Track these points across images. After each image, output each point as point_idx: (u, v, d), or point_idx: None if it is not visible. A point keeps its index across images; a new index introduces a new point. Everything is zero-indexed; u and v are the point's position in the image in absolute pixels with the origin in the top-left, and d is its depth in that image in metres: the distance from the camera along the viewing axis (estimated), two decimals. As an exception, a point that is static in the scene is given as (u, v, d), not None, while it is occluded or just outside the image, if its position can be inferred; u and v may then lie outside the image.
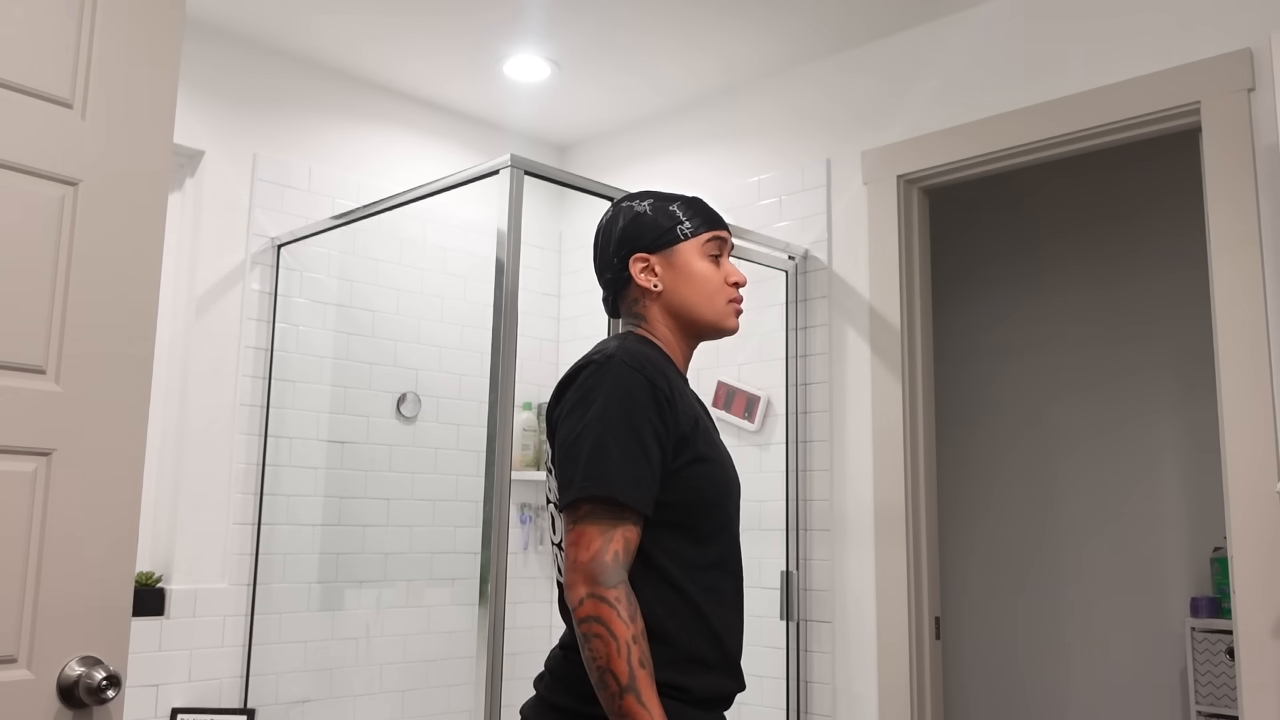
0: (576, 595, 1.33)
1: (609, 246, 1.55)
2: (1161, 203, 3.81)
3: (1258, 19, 2.37)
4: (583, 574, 1.33)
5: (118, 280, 1.43)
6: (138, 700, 2.72)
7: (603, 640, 1.31)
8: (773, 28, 3.00)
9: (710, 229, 1.54)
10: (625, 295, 1.56)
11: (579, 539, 1.34)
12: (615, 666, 1.30)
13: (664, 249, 1.52)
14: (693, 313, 1.52)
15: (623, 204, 1.57)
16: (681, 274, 1.52)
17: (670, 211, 1.53)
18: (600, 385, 1.38)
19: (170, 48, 1.52)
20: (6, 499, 1.30)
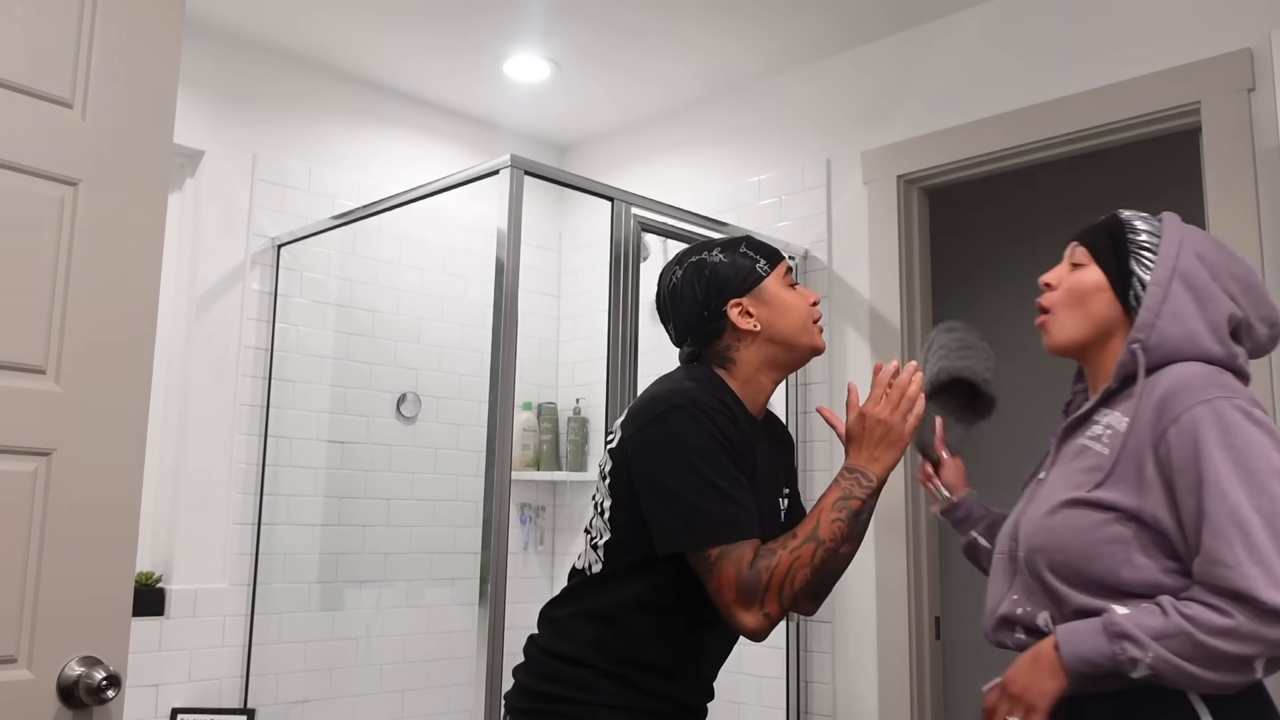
0: (755, 622, 1.41)
1: (695, 301, 1.59)
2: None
3: (1258, 19, 2.37)
4: (741, 603, 1.40)
5: (118, 280, 1.43)
6: (138, 700, 2.72)
7: (820, 566, 1.44)
8: (773, 28, 3.00)
9: (780, 259, 1.63)
10: (716, 344, 1.60)
11: (720, 582, 1.41)
12: (834, 545, 1.45)
13: (752, 289, 1.59)
14: (791, 341, 1.59)
15: (690, 261, 1.63)
16: (775, 308, 1.59)
17: (743, 254, 1.61)
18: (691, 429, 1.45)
19: (170, 48, 1.52)
20: (6, 499, 1.30)
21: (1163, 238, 1.44)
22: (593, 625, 1.51)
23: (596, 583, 1.53)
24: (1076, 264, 1.52)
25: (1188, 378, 1.34)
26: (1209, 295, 1.40)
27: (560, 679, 1.50)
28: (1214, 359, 1.38)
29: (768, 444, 1.63)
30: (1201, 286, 1.40)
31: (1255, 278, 1.45)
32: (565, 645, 1.52)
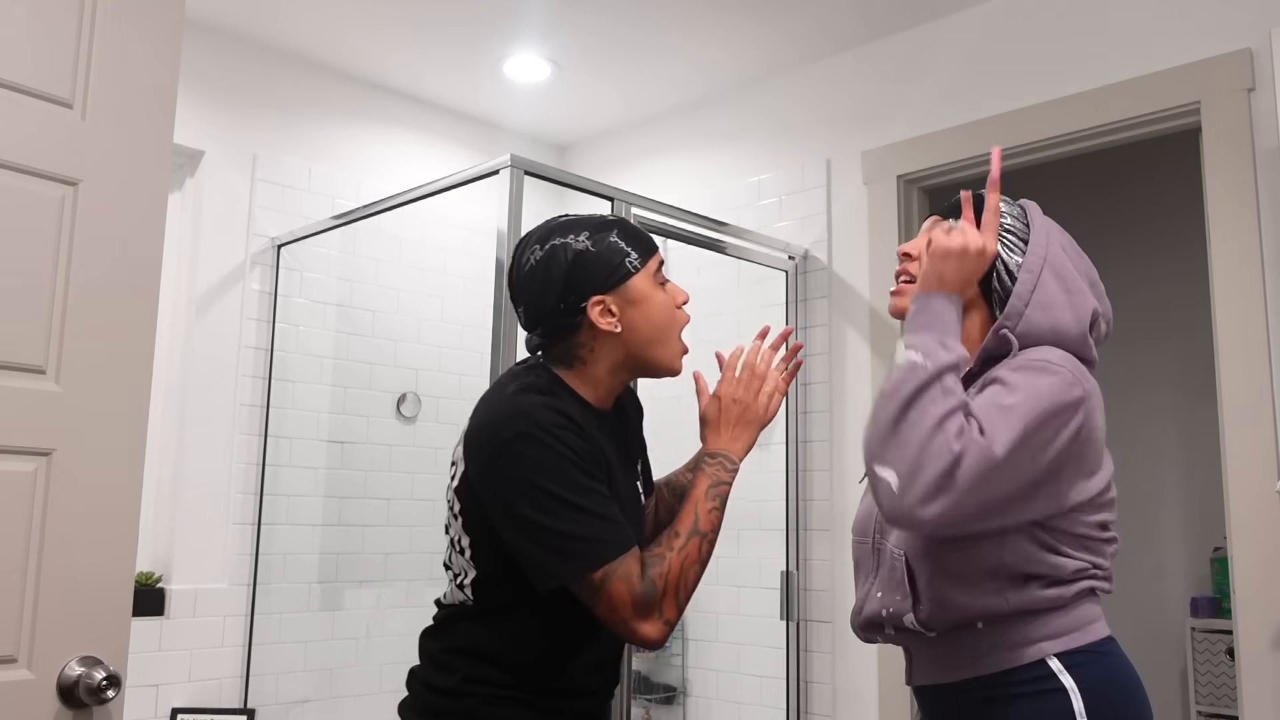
0: (656, 631, 1.33)
1: (549, 291, 1.41)
2: (1163, 202, 3.81)
3: (1258, 19, 2.37)
4: (639, 616, 1.32)
5: (118, 280, 1.43)
6: (138, 700, 2.72)
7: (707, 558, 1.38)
8: (773, 28, 3.00)
9: (654, 251, 1.48)
10: (568, 340, 1.44)
11: (611, 603, 1.32)
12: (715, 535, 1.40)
13: (618, 286, 1.42)
14: (648, 352, 1.45)
15: (553, 243, 1.44)
16: (640, 309, 1.43)
17: (613, 243, 1.43)
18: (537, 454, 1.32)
19: (170, 48, 1.52)
20: (6, 499, 1.30)
21: (1032, 227, 1.43)
22: (471, 660, 1.40)
23: (470, 617, 1.42)
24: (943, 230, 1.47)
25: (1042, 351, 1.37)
26: (1076, 288, 1.40)
27: (443, 714, 1.40)
28: (1073, 350, 1.38)
29: (613, 432, 1.50)
30: (1069, 278, 1.40)
31: (1096, 274, 1.47)
32: (446, 680, 1.41)
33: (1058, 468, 1.28)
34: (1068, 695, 1.27)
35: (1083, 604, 1.33)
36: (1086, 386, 1.31)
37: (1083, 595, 1.33)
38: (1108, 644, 1.33)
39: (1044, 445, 1.25)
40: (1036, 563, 1.30)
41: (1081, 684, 1.28)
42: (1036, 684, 1.29)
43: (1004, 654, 1.31)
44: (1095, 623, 1.34)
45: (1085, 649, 1.31)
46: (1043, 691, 1.28)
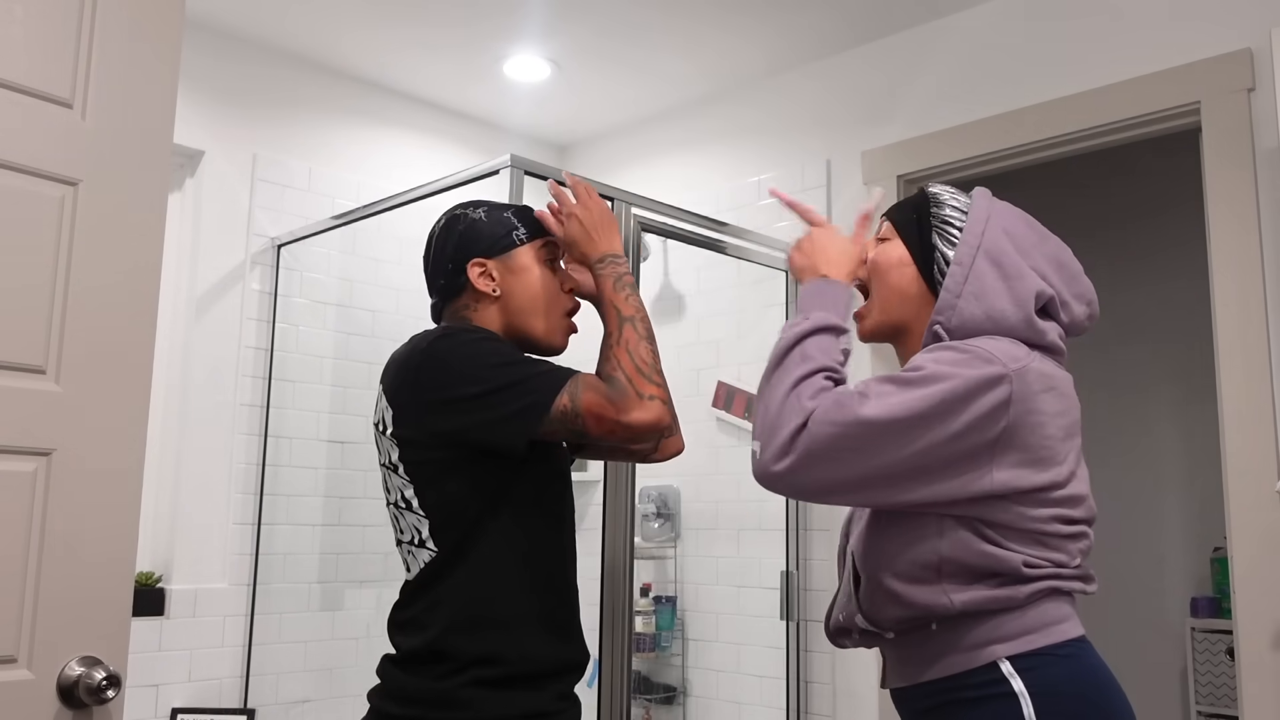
0: (650, 412, 1.36)
1: (444, 252, 1.53)
2: (1163, 202, 3.81)
3: (1258, 19, 2.37)
4: (626, 407, 1.36)
5: (118, 280, 1.43)
6: (138, 700, 2.72)
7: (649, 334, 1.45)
8: (773, 27, 3.00)
9: (545, 234, 1.56)
10: (456, 302, 1.54)
11: (593, 413, 1.35)
12: (643, 313, 1.46)
13: (502, 253, 1.51)
14: (525, 319, 1.52)
15: (455, 212, 1.56)
16: (520, 278, 1.51)
17: (505, 218, 1.54)
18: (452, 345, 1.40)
19: (170, 48, 1.52)
20: (6, 499, 1.30)
21: (969, 214, 1.40)
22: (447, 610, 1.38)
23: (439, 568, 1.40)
24: (882, 239, 1.47)
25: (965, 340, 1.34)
26: (1016, 273, 1.35)
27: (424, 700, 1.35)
28: (1018, 336, 1.33)
29: None
30: (1008, 264, 1.35)
31: (1068, 255, 1.42)
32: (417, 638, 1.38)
33: (974, 447, 1.23)
34: (1017, 700, 1.23)
35: (1042, 604, 1.27)
36: (1012, 366, 1.25)
37: (1041, 595, 1.27)
38: (1070, 646, 1.27)
39: (943, 419, 1.21)
40: (980, 556, 1.26)
41: (1033, 688, 1.23)
42: (987, 688, 1.25)
43: (956, 656, 1.28)
44: (1059, 624, 1.28)
45: (1041, 651, 1.25)
46: (993, 696, 1.24)
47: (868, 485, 1.24)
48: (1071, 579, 1.30)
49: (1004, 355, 1.26)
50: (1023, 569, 1.26)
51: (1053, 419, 1.28)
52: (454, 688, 1.35)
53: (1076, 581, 1.31)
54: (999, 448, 1.24)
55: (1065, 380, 1.34)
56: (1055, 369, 1.33)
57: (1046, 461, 1.27)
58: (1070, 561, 1.29)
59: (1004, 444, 1.25)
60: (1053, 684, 1.24)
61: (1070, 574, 1.29)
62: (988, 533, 1.27)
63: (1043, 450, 1.27)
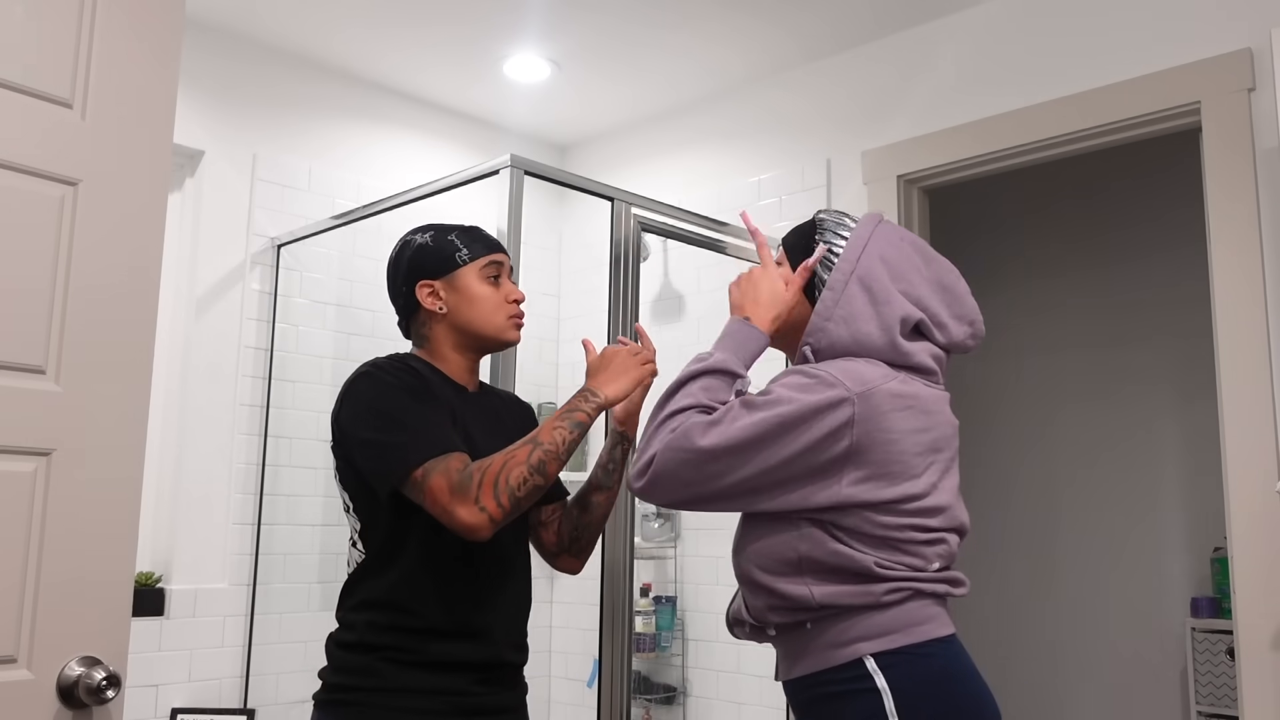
0: (470, 516, 1.44)
1: (398, 276, 1.71)
2: (1163, 202, 3.81)
3: (1258, 19, 2.37)
4: (458, 503, 1.45)
5: (118, 280, 1.43)
6: (138, 700, 2.72)
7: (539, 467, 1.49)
8: (773, 28, 3.00)
9: (487, 253, 1.70)
10: (415, 320, 1.71)
11: (432, 495, 1.46)
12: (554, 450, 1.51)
13: (446, 275, 1.68)
14: (473, 329, 1.67)
15: (406, 238, 1.73)
16: (463, 296, 1.67)
17: (449, 240, 1.70)
18: (369, 386, 1.56)
19: (170, 48, 1.52)
20: (6, 499, 1.30)
21: (849, 241, 1.50)
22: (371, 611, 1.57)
23: (366, 573, 1.60)
24: (779, 262, 1.59)
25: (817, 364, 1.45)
26: (885, 298, 1.45)
27: (349, 669, 1.56)
28: (883, 358, 1.44)
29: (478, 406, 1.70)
30: (878, 290, 1.45)
31: (953, 278, 1.51)
32: (349, 635, 1.58)
33: (820, 464, 1.34)
34: (879, 695, 1.31)
35: (906, 604, 1.36)
36: (856, 390, 1.35)
37: (902, 595, 1.36)
38: (933, 646, 1.35)
39: (781, 440, 1.33)
40: (833, 555, 1.35)
41: (894, 684, 1.31)
42: (853, 683, 1.33)
43: (827, 652, 1.36)
44: (922, 625, 1.36)
45: (904, 650, 1.34)
46: (858, 691, 1.32)
47: (718, 499, 1.37)
48: (934, 582, 1.39)
49: (851, 379, 1.37)
50: (874, 569, 1.35)
51: (907, 436, 1.38)
52: (370, 661, 1.55)
53: (941, 584, 1.39)
54: (847, 464, 1.35)
55: (933, 399, 1.43)
56: (922, 388, 1.42)
57: (899, 476, 1.37)
58: (927, 566, 1.39)
59: (851, 460, 1.35)
60: (911, 680, 1.32)
61: (930, 577, 1.38)
62: (838, 534, 1.37)
63: (895, 465, 1.36)
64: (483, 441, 1.63)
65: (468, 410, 1.66)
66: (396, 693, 1.54)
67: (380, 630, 1.56)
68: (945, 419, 1.45)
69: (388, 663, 1.55)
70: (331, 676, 1.59)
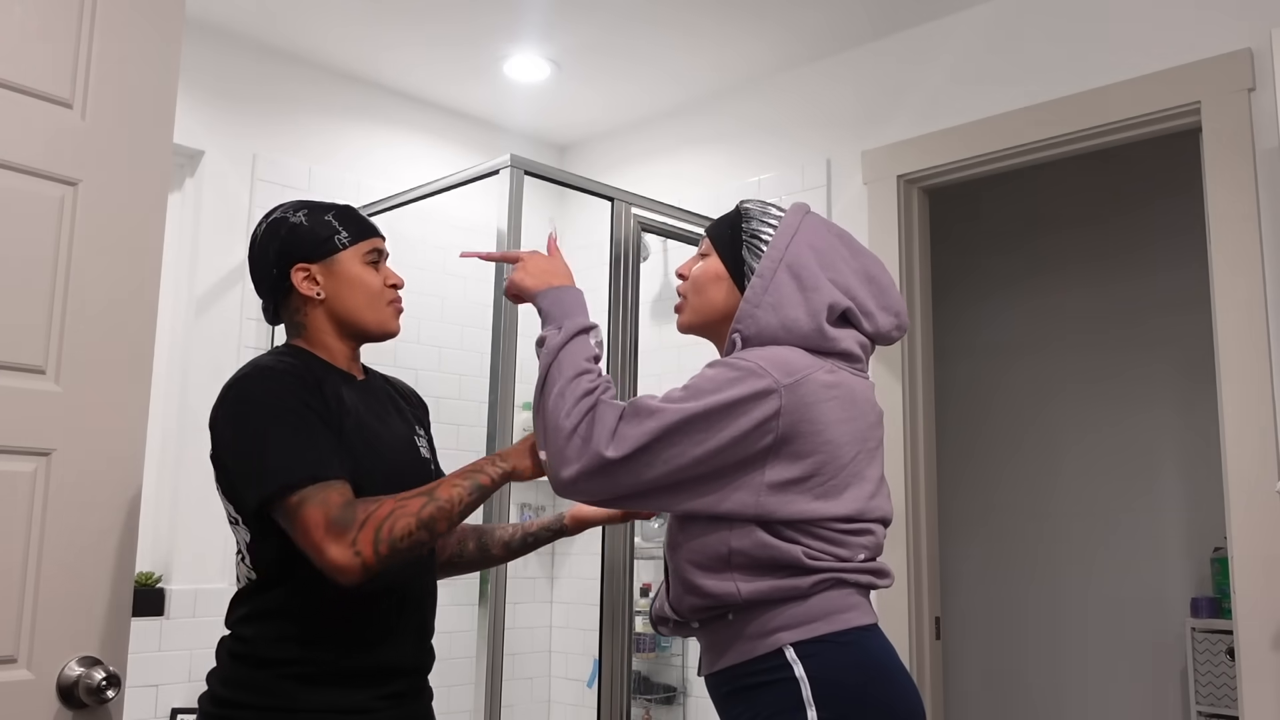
0: (342, 557, 1.33)
1: (267, 256, 1.57)
2: (1163, 202, 3.82)
3: (1258, 19, 2.37)
4: (331, 541, 1.34)
5: (118, 280, 1.43)
6: (138, 700, 2.72)
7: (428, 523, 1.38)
8: (773, 28, 3.00)
9: (367, 237, 1.60)
10: (287, 304, 1.59)
11: (304, 526, 1.35)
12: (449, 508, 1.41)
13: (324, 258, 1.56)
14: (355, 317, 1.57)
15: (274, 215, 1.59)
16: (343, 281, 1.56)
17: (327, 222, 1.58)
18: (250, 392, 1.43)
19: (170, 48, 1.52)
20: (6, 499, 1.30)
21: (778, 229, 1.50)
22: (265, 624, 1.46)
23: (258, 588, 1.49)
24: (704, 254, 1.57)
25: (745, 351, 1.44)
26: (813, 285, 1.45)
27: (241, 684, 1.45)
28: (809, 344, 1.44)
29: (377, 396, 1.62)
30: (807, 277, 1.46)
31: (879, 270, 1.52)
32: (242, 647, 1.47)
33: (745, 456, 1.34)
34: (797, 684, 1.32)
35: (826, 594, 1.36)
36: (784, 381, 1.35)
37: (825, 585, 1.36)
38: (853, 634, 1.36)
39: (704, 433, 1.33)
40: (763, 547, 1.36)
41: (812, 673, 1.32)
42: (773, 673, 1.34)
43: (748, 644, 1.37)
44: (842, 613, 1.36)
45: (822, 639, 1.34)
46: (778, 680, 1.33)
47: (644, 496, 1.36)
48: (858, 572, 1.39)
49: (779, 369, 1.36)
50: (804, 559, 1.35)
51: (834, 426, 1.38)
52: (269, 679, 1.43)
53: (865, 575, 1.40)
54: (770, 456, 1.35)
55: (859, 387, 1.44)
56: (848, 377, 1.43)
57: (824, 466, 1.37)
58: (853, 556, 1.39)
59: (775, 452, 1.35)
60: (829, 669, 1.33)
61: (855, 568, 1.39)
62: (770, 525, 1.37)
63: (820, 454, 1.37)
64: (380, 428, 1.55)
65: (359, 398, 1.57)
66: (297, 713, 1.42)
67: (275, 644, 1.45)
68: (871, 407, 1.46)
69: (287, 679, 1.44)
70: (221, 689, 1.47)
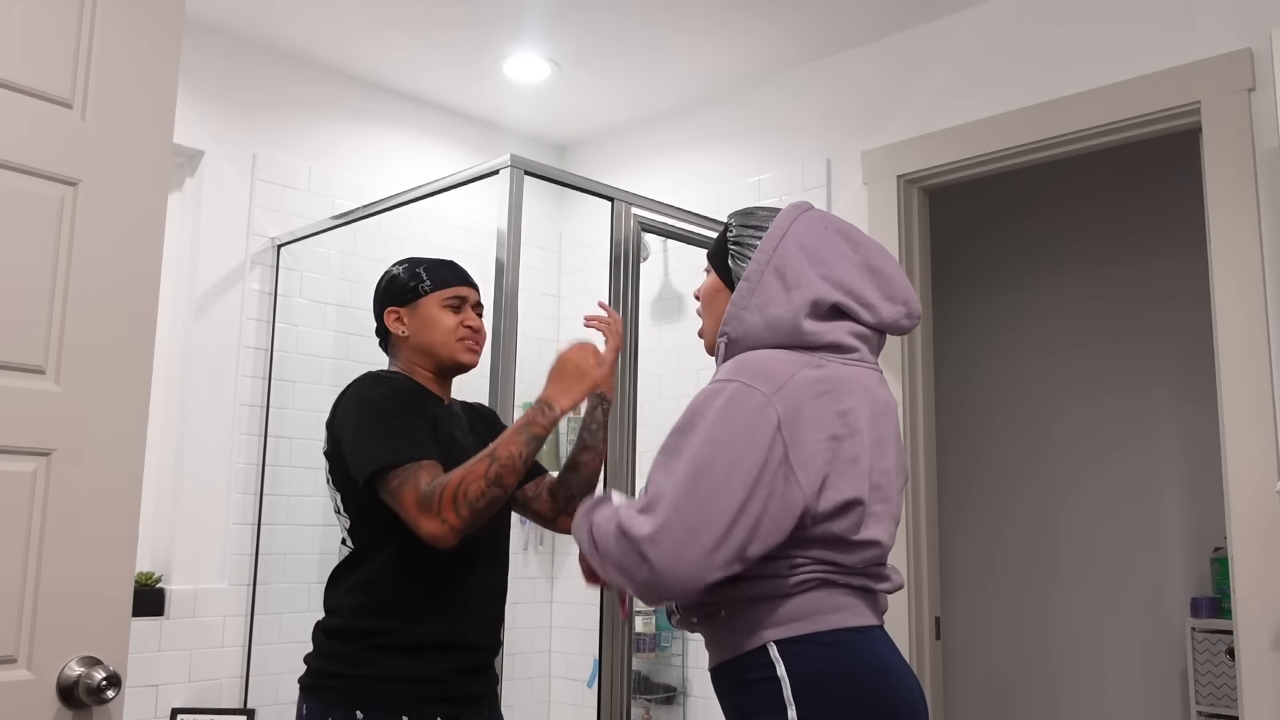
0: (433, 527, 1.59)
1: (375, 303, 1.93)
2: (1164, 203, 3.82)
3: (1258, 19, 2.37)
4: (422, 516, 1.60)
5: (118, 280, 1.43)
6: (138, 700, 2.72)
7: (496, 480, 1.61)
8: (773, 27, 3.00)
9: (448, 286, 1.88)
10: (388, 339, 1.92)
11: (402, 504, 1.62)
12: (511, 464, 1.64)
13: (409, 303, 1.87)
14: (432, 352, 1.86)
15: (389, 269, 1.94)
16: (422, 322, 1.86)
17: (416, 273, 1.89)
18: (363, 389, 1.76)
19: (170, 48, 1.52)
20: (6, 499, 1.30)
21: (767, 233, 1.51)
22: (357, 595, 1.72)
23: (353, 561, 1.75)
24: (706, 272, 1.62)
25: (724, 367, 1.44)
26: (797, 282, 1.45)
27: (334, 656, 1.70)
28: (792, 341, 1.44)
29: (460, 421, 1.89)
30: (792, 275, 1.46)
31: (882, 260, 1.51)
32: (335, 620, 1.73)
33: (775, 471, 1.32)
34: (779, 683, 1.33)
35: (810, 594, 1.37)
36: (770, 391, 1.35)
37: (809, 585, 1.36)
38: (838, 635, 1.36)
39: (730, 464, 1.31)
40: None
41: (792, 671, 1.33)
42: (758, 671, 1.36)
43: (738, 640, 1.39)
44: (828, 614, 1.37)
45: (805, 638, 1.35)
46: (761, 679, 1.35)
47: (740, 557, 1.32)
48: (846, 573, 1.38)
49: (758, 378, 1.37)
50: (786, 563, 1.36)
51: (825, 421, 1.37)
52: (355, 650, 1.69)
53: (857, 578, 1.39)
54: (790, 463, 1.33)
55: (852, 377, 1.43)
56: (839, 368, 1.42)
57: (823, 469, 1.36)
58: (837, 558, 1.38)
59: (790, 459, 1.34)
60: (809, 669, 1.34)
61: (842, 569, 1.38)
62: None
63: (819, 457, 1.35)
64: (464, 441, 1.83)
65: (449, 418, 1.85)
66: (381, 680, 1.67)
67: (367, 614, 1.70)
68: (871, 396, 1.43)
69: (373, 650, 1.68)
70: (316, 662, 1.73)
